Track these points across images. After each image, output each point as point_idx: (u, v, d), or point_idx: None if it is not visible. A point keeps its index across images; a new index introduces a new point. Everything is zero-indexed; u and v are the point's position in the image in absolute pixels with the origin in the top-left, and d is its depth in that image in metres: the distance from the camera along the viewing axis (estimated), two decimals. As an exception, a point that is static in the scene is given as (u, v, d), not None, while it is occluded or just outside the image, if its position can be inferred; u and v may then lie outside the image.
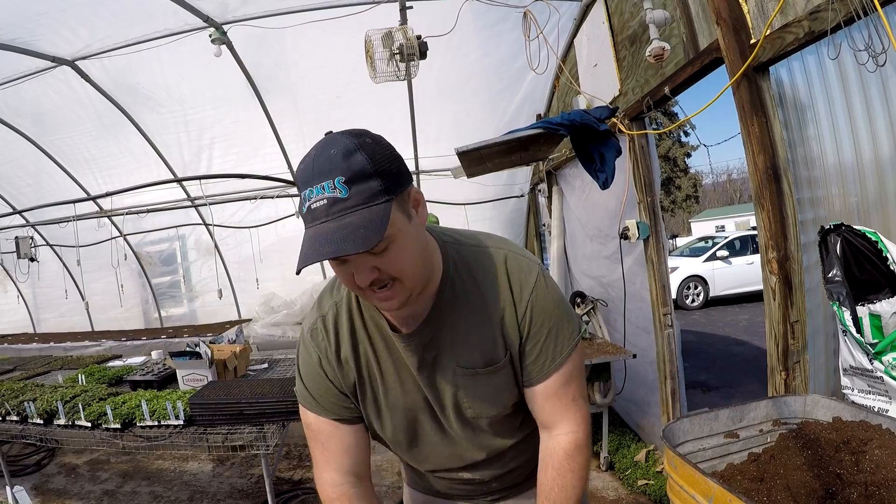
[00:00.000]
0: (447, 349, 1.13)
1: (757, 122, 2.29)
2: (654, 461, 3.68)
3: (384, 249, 0.92)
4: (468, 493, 1.36)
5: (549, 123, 3.14)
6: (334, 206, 0.88)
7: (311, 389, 1.18)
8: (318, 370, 1.17)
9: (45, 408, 3.23)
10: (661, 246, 3.49)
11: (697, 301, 11.67)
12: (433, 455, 1.27)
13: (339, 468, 1.18)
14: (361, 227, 0.86)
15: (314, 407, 1.18)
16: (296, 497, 3.82)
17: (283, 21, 4.14)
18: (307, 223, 0.91)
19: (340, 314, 1.16)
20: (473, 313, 1.11)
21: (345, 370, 1.16)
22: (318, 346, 1.16)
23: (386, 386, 1.17)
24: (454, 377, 1.14)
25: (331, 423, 1.18)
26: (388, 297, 0.98)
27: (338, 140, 0.93)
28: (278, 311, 6.92)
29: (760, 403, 1.48)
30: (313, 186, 0.89)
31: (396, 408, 1.19)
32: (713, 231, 32.29)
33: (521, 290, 1.11)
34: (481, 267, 1.12)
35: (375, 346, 1.16)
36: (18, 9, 3.83)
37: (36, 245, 6.76)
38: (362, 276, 0.94)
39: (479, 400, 1.16)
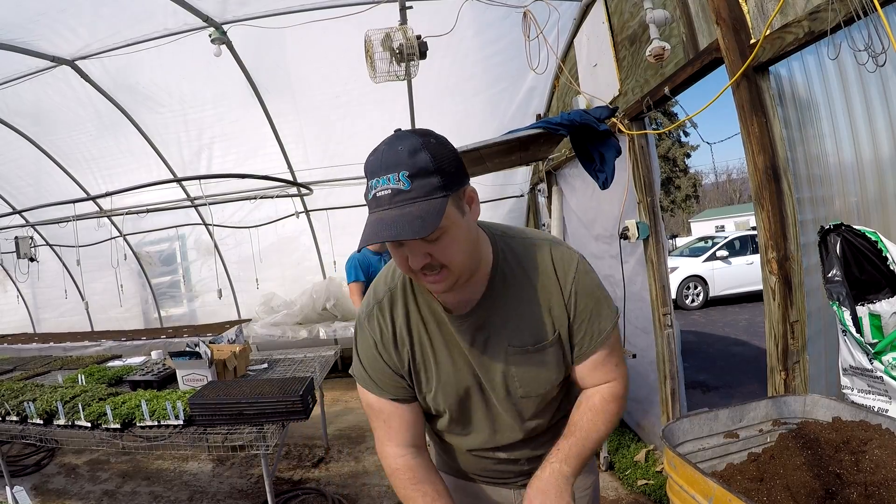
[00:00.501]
0: (498, 330, 1.23)
1: (757, 122, 2.29)
2: (653, 461, 3.68)
3: (437, 238, 1.04)
4: (499, 475, 1.44)
5: (549, 123, 3.14)
6: (397, 196, 1.00)
7: (370, 372, 1.29)
8: (375, 353, 1.27)
9: (45, 408, 3.23)
10: (661, 246, 3.49)
11: (697, 301, 11.67)
12: (477, 432, 1.35)
13: (400, 442, 1.29)
14: (419, 216, 0.98)
15: (374, 389, 1.29)
16: (295, 497, 3.82)
17: (283, 21, 4.14)
18: (371, 208, 1.04)
19: (396, 299, 1.27)
20: (523, 297, 1.22)
21: (400, 352, 1.26)
22: (375, 331, 1.27)
23: (438, 365, 1.26)
24: (506, 356, 1.23)
25: (390, 402, 1.29)
26: (436, 281, 1.10)
27: (406, 138, 1.05)
28: (278, 311, 6.92)
29: (760, 403, 1.48)
30: (380, 177, 1.02)
31: (448, 386, 1.27)
32: (713, 231, 32.32)
33: (565, 276, 1.22)
34: (528, 256, 1.24)
35: (429, 328, 1.26)
36: (18, 9, 3.83)
37: (36, 245, 6.75)
38: (415, 260, 1.06)
39: (529, 378, 1.26)
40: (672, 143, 39.85)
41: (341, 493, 3.83)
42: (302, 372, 3.87)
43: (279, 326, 6.66)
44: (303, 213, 6.88)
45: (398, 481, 1.27)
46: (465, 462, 1.45)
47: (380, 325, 1.26)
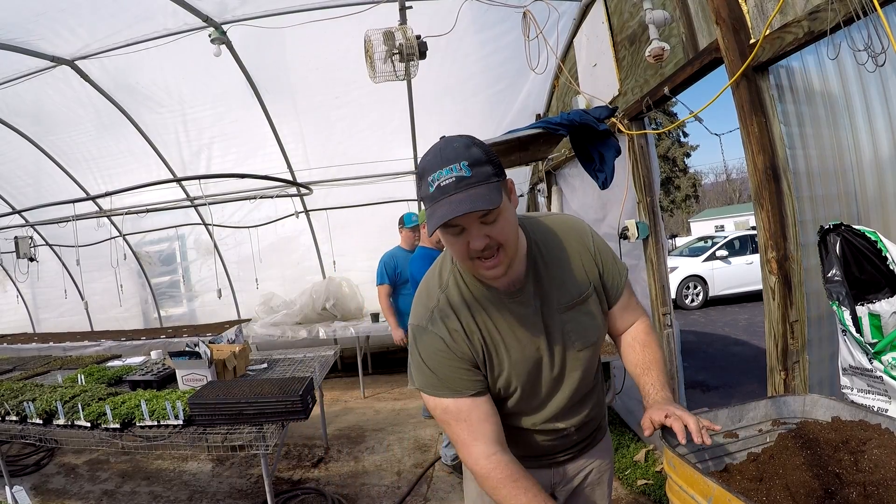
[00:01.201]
0: (547, 294, 1.39)
1: (756, 122, 2.29)
2: (653, 461, 3.69)
3: (495, 220, 1.19)
4: (548, 451, 1.56)
5: (549, 123, 3.14)
6: (461, 182, 1.14)
7: (442, 377, 1.34)
8: (446, 353, 1.34)
9: (45, 408, 3.23)
10: (661, 246, 3.49)
11: (697, 301, 11.67)
12: (548, 402, 1.47)
13: (487, 439, 1.32)
14: (486, 195, 1.14)
15: (449, 392, 1.34)
16: (295, 497, 3.82)
17: (283, 21, 4.14)
18: (435, 198, 1.15)
19: (452, 297, 1.38)
20: (558, 263, 1.42)
21: (473, 342, 1.35)
22: (442, 331, 1.35)
23: (507, 346, 1.37)
24: (560, 315, 1.40)
25: (469, 399, 1.34)
26: (494, 265, 1.23)
27: (457, 138, 1.22)
28: (277, 311, 6.92)
29: (760, 403, 1.47)
30: (442, 169, 1.16)
31: (519, 363, 1.38)
32: (712, 231, 32.33)
33: (584, 237, 1.46)
34: (551, 231, 1.45)
35: (491, 315, 1.37)
36: (18, 9, 3.83)
37: (35, 245, 6.75)
38: (478, 241, 1.19)
39: (582, 329, 1.43)
40: (672, 142, 39.85)
41: (341, 493, 3.84)
42: (301, 372, 3.87)
43: (279, 326, 6.66)
44: (302, 213, 6.88)
45: (494, 482, 1.28)
46: (520, 444, 1.50)
47: (445, 324, 1.35)
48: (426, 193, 1.18)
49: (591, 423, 1.60)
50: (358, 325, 6.47)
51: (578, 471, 1.64)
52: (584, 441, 1.61)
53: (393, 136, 5.90)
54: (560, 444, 1.55)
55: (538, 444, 1.54)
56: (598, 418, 1.64)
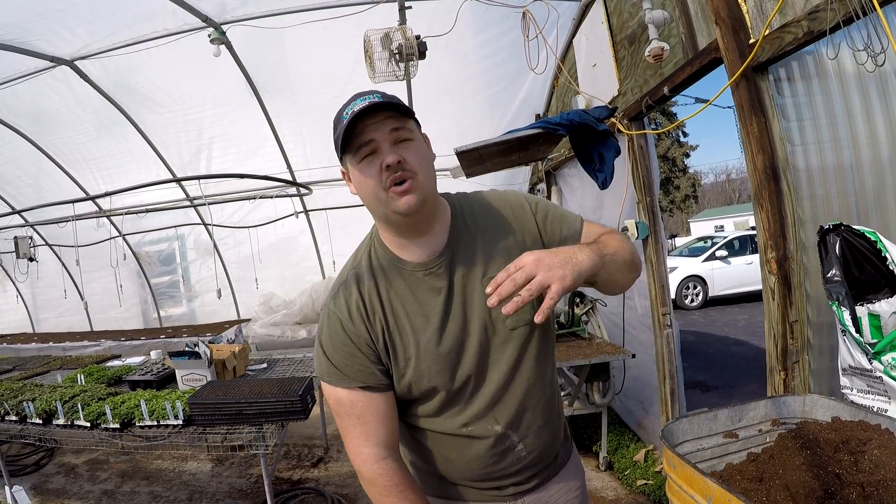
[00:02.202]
0: (472, 265, 1.23)
1: (756, 123, 2.29)
2: (653, 461, 3.68)
3: (407, 140, 1.13)
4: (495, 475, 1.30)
5: (548, 123, 3.14)
6: (374, 105, 1.09)
7: (337, 361, 1.20)
8: (343, 336, 1.20)
9: (44, 408, 3.23)
10: (660, 246, 3.49)
11: (696, 301, 11.67)
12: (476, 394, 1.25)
13: (378, 441, 1.20)
14: (399, 103, 1.12)
15: (342, 379, 1.20)
16: (295, 497, 3.82)
17: (282, 21, 4.14)
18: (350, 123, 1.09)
19: (362, 274, 1.24)
20: (488, 232, 1.26)
21: (373, 323, 1.21)
22: (342, 309, 1.22)
23: (414, 327, 1.21)
24: (483, 289, 1.15)
25: (363, 392, 1.20)
26: (408, 190, 1.11)
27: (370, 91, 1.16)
28: (277, 311, 6.92)
29: (759, 403, 1.48)
30: (356, 101, 1.11)
31: (431, 348, 1.21)
32: (712, 231, 32.34)
33: (521, 202, 1.32)
34: (482, 199, 1.32)
35: (398, 290, 1.22)
36: (17, 9, 3.82)
37: (35, 245, 6.74)
38: (390, 157, 1.09)
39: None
40: (671, 142, 39.84)
41: (340, 493, 3.83)
42: (301, 372, 3.87)
43: (278, 326, 6.66)
44: (302, 213, 6.88)
45: (379, 488, 1.19)
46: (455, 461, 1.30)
47: (346, 302, 1.22)
48: (340, 130, 1.11)
49: (541, 437, 1.32)
50: (357, 325, 6.45)
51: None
52: (541, 466, 1.35)
53: (393, 136, 5.90)
54: (507, 462, 1.29)
55: (477, 457, 1.28)
56: (549, 433, 1.35)
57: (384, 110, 1.11)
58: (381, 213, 1.17)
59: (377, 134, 1.11)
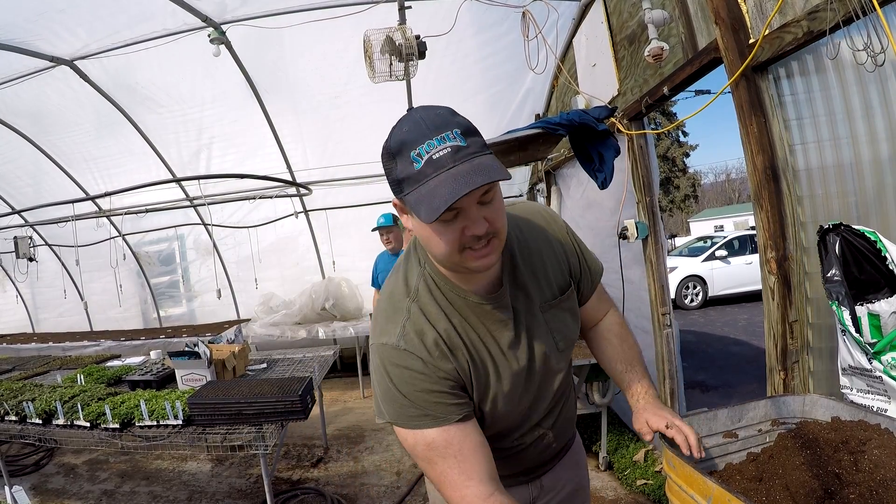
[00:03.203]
0: (529, 293, 1.25)
1: (756, 123, 2.29)
2: (652, 461, 3.69)
3: (491, 200, 1.03)
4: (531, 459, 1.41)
5: (548, 123, 3.14)
6: (459, 152, 0.96)
7: (423, 404, 1.10)
8: (425, 376, 1.11)
9: (44, 408, 3.23)
10: (660, 246, 3.49)
11: (696, 301, 11.67)
12: (534, 409, 1.33)
13: (481, 477, 1.09)
14: (491, 166, 0.96)
15: (432, 422, 1.10)
16: (294, 497, 3.82)
17: (282, 21, 4.14)
18: (429, 173, 0.96)
19: (425, 307, 1.17)
20: (537, 257, 1.28)
21: (456, 357, 1.15)
22: (418, 349, 1.12)
23: (494, 358, 1.20)
24: (542, 315, 1.26)
25: (457, 426, 1.11)
26: (486, 254, 1.05)
27: (434, 106, 1.05)
28: (277, 311, 6.91)
29: (759, 403, 1.47)
30: (431, 139, 0.97)
31: (506, 376, 1.22)
32: (712, 231, 32.34)
33: (562, 228, 1.35)
34: (527, 222, 1.31)
35: (472, 324, 1.19)
36: (17, 9, 3.82)
37: (35, 245, 6.74)
38: (478, 226, 1.01)
39: (564, 328, 1.31)
40: (671, 142, 39.84)
41: (340, 493, 3.83)
42: (301, 372, 3.87)
43: (278, 326, 6.65)
44: (302, 214, 6.88)
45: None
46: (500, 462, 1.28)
47: (421, 340, 1.12)
48: (409, 172, 0.98)
49: (566, 425, 1.48)
50: (357, 325, 6.46)
51: (555, 483, 1.50)
52: (560, 449, 1.50)
53: (392, 135, 5.90)
54: (539, 453, 1.41)
55: (519, 457, 1.38)
56: (570, 420, 1.51)
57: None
58: (449, 265, 1.12)
59: (464, 201, 0.98)
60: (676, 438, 1.20)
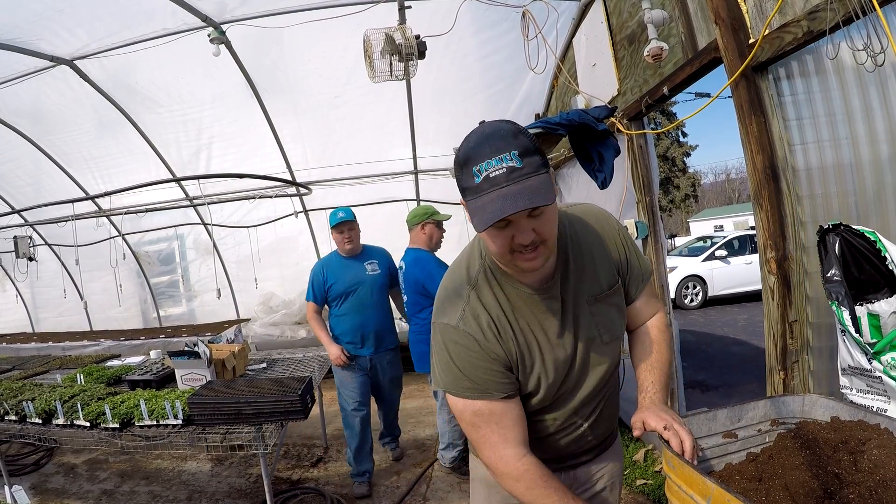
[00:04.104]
0: (579, 287, 1.36)
1: (756, 122, 2.29)
2: (652, 461, 3.68)
3: (541, 214, 1.14)
4: (567, 449, 1.50)
5: (548, 123, 3.13)
6: (513, 173, 1.08)
7: (475, 378, 1.29)
8: (479, 353, 1.28)
9: (44, 407, 3.23)
10: (660, 245, 3.50)
11: (696, 301, 11.67)
12: (573, 397, 1.42)
13: (517, 441, 1.29)
14: (541, 188, 1.08)
15: (482, 394, 1.29)
16: (294, 497, 3.82)
17: (282, 21, 4.14)
18: (484, 189, 1.09)
19: (483, 295, 1.33)
20: (589, 253, 1.39)
21: (506, 341, 1.30)
22: (474, 330, 1.29)
23: (540, 345, 1.33)
24: (589, 308, 1.37)
25: (502, 402, 1.29)
26: (534, 258, 1.18)
27: (501, 124, 1.15)
28: (277, 311, 6.91)
29: (759, 403, 1.47)
30: (491, 159, 1.09)
31: (549, 362, 1.34)
32: (712, 231, 32.35)
33: (612, 227, 1.45)
34: (581, 221, 1.42)
35: (523, 313, 1.33)
36: (17, 9, 3.82)
37: (34, 244, 6.74)
38: (526, 236, 1.14)
39: (609, 322, 1.40)
40: (671, 142, 39.85)
41: (340, 493, 3.83)
42: (301, 371, 3.87)
43: (278, 326, 6.65)
44: (301, 213, 6.88)
45: (527, 483, 1.26)
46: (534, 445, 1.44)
47: (478, 323, 1.30)
48: (470, 184, 1.12)
49: (604, 423, 1.55)
50: (357, 324, 6.44)
51: (590, 477, 1.59)
52: (597, 444, 1.57)
53: (392, 135, 5.90)
54: (575, 444, 1.51)
55: (554, 444, 1.49)
56: (610, 418, 1.58)
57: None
58: (503, 263, 1.27)
59: (514, 215, 1.10)
60: (672, 442, 1.20)
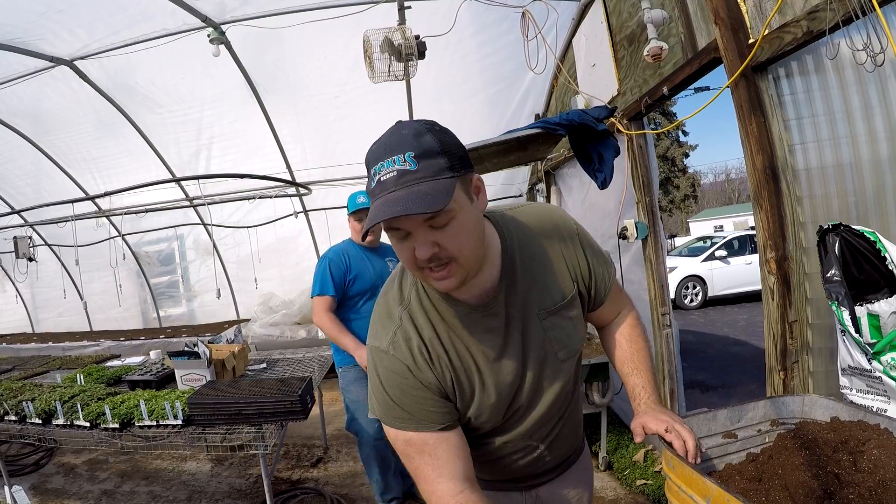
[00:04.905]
0: (527, 300, 1.21)
1: (755, 123, 2.29)
2: (652, 461, 3.69)
3: (445, 224, 0.99)
4: (523, 471, 1.40)
5: (548, 123, 3.14)
6: (403, 177, 0.95)
7: (405, 406, 1.15)
8: (411, 380, 1.15)
9: (44, 407, 3.23)
10: (660, 246, 3.49)
11: (696, 301, 11.67)
12: (524, 419, 1.30)
13: (454, 475, 1.14)
14: (429, 193, 0.94)
15: (414, 424, 1.15)
16: (294, 497, 3.82)
17: (282, 21, 4.14)
18: (376, 195, 0.98)
19: (415, 315, 1.18)
20: (539, 263, 1.23)
21: (438, 367, 1.17)
22: (405, 356, 1.16)
23: (480, 369, 1.20)
24: (540, 323, 1.23)
25: (436, 434, 1.16)
26: (444, 277, 1.04)
27: (409, 123, 1.02)
28: (277, 311, 6.91)
29: (759, 403, 1.47)
30: (384, 161, 0.98)
31: (492, 386, 1.21)
32: (711, 231, 32.34)
33: (569, 231, 1.28)
34: (530, 226, 1.26)
35: (459, 334, 1.19)
36: (17, 9, 3.82)
37: (34, 245, 6.74)
38: (423, 249, 1.00)
39: (565, 337, 1.26)
40: (671, 142, 39.86)
41: (340, 493, 3.83)
42: (301, 372, 3.87)
43: (278, 326, 6.65)
44: (301, 213, 6.88)
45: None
46: (487, 467, 1.38)
47: (408, 346, 1.16)
48: (369, 188, 1.01)
49: (565, 443, 1.43)
50: (357, 325, 6.45)
51: (552, 496, 1.47)
52: (557, 464, 1.46)
53: (392, 135, 5.90)
54: (532, 466, 1.39)
55: (508, 465, 1.38)
56: (572, 437, 1.46)
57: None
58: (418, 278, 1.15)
59: (407, 223, 1.00)
60: (675, 444, 1.18)
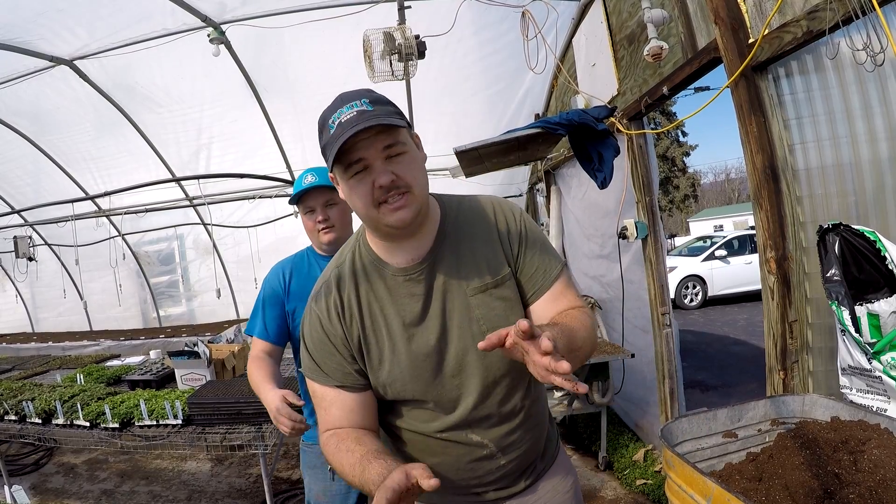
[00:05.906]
0: (454, 273, 1.21)
1: (755, 122, 2.29)
2: (652, 461, 3.69)
3: (400, 154, 1.10)
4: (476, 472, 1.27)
5: (548, 123, 3.14)
6: (363, 115, 1.06)
7: (315, 358, 1.23)
8: (322, 334, 1.22)
9: (44, 407, 3.23)
10: (660, 245, 3.49)
11: (696, 300, 11.67)
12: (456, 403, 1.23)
13: (336, 425, 1.21)
14: (385, 115, 1.07)
15: (318, 375, 1.23)
16: (294, 496, 3.82)
17: (281, 21, 4.14)
18: (336, 134, 1.06)
19: (344, 275, 1.25)
20: (473, 238, 1.25)
21: (349, 325, 1.21)
22: (321, 308, 1.23)
23: (391, 331, 1.21)
24: (466, 300, 1.21)
25: (334, 390, 1.21)
26: (401, 206, 1.10)
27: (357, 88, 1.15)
28: (277, 311, 6.90)
29: (759, 403, 1.48)
30: (342, 107, 1.08)
31: (404, 353, 1.20)
32: (711, 231, 32.33)
33: (513, 214, 1.28)
34: (475, 205, 1.30)
35: (378, 292, 1.22)
36: (17, 9, 3.82)
37: (34, 244, 6.75)
38: (384, 176, 1.07)
39: (494, 317, 1.20)
40: (671, 142, 39.85)
41: (340, 493, 3.83)
42: (301, 372, 3.87)
43: (278, 326, 6.64)
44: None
45: (332, 447, 1.16)
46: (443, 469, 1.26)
47: (326, 302, 1.23)
48: (328, 138, 1.10)
49: (529, 447, 1.32)
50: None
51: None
52: (521, 473, 1.32)
53: (392, 135, 5.90)
54: (485, 471, 1.27)
55: (454, 463, 1.27)
56: (538, 440, 1.35)
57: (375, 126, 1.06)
58: (372, 224, 1.18)
59: (368, 152, 1.08)
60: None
